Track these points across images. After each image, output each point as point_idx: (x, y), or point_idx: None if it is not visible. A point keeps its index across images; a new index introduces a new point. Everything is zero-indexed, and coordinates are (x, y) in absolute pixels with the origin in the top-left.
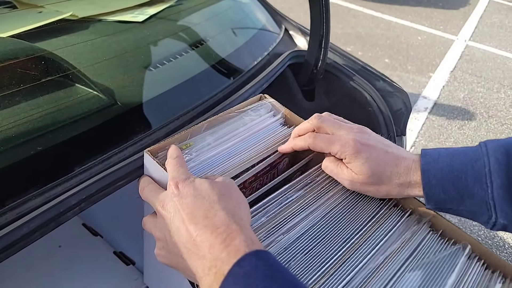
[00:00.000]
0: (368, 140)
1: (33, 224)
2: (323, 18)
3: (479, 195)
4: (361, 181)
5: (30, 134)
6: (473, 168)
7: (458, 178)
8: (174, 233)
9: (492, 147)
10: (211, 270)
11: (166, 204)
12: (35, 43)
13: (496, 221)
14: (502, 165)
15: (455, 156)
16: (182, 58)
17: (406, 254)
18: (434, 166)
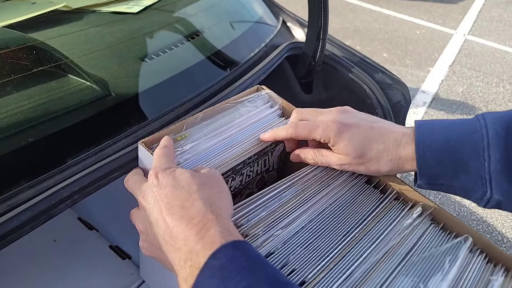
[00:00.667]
0: (349, 119)
1: (24, 216)
2: (321, 9)
3: (475, 169)
4: (348, 162)
5: (22, 125)
6: (470, 140)
7: (454, 150)
8: (154, 225)
9: (490, 119)
10: (187, 262)
11: (146, 194)
12: (28, 34)
13: (491, 197)
14: (501, 138)
15: (451, 127)
16: (177, 49)
17: (407, 247)
18: (429, 138)
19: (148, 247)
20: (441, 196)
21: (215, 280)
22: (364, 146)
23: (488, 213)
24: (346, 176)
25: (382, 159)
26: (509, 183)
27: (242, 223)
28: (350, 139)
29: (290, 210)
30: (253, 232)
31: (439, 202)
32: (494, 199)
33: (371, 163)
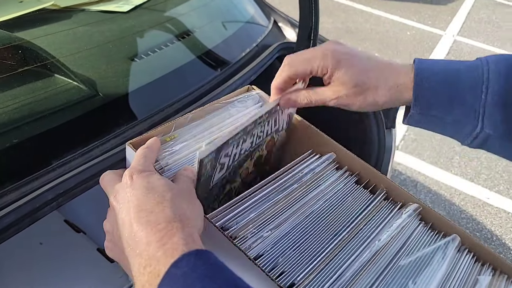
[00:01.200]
0: (345, 48)
1: (7, 219)
2: (312, 10)
3: (470, 102)
4: (345, 93)
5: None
6: (469, 75)
7: (451, 83)
8: (120, 226)
9: (492, 59)
10: (146, 269)
11: (118, 194)
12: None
13: (480, 131)
14: (501, 75)
15: (451, 63)
16: (167, 48)
17: (397, 247)
18: (428, 70)
19: (112, 248)
20: (431, 195)
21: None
22: (362, 74)
23: (477, 212)
24: (336, 177)
25: (380, 87)
26: (502, 117)
27: (231, 225)
28: (349, 67)
29: (279, 212)
30: (242, 234)
31: (429, 201)
32: (483, 134)
33: (368, 92)
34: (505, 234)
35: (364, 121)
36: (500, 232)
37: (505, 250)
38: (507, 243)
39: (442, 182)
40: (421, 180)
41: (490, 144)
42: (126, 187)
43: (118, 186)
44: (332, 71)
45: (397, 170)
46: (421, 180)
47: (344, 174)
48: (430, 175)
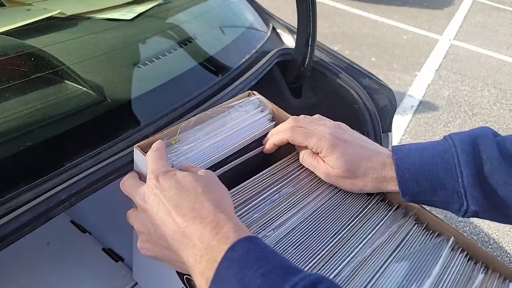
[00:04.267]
0: (343, 135)
1: (23, 218)
2: (310, 17)
3: (450, 185)
4: (336, 174)
5: (20, 130)
6: (443, 160)
7: (429, 171)
8: (160, 226)
9: (457, 139)
10: (203, 257)
11: (147, 197)
12: (24, 41)
13: (467, 208)
14: (469, 155)
15: (425, 150)
16: (171, 55)
17: (392, 246)
18: (406, 161)
19: (150, 247)
20: None
21: (233, 270)
22: (355, 162)
23: None
24: None
25: (368, 176)
26: (481, 194)
27: None
28: (342, 154)
29: (282, 212)
30: None
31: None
32: (471, 209)
33: (358, 179)
34: (502, 237)
35: (361, 125)
36: (497, 236)
37: (502, 253)
38: (504, 246)
39: None
40: None
41: (481, 215)
42: (155, 189)
43: (143, 189)
44: (326, 154)
45: None
46: None
47: None
48: None
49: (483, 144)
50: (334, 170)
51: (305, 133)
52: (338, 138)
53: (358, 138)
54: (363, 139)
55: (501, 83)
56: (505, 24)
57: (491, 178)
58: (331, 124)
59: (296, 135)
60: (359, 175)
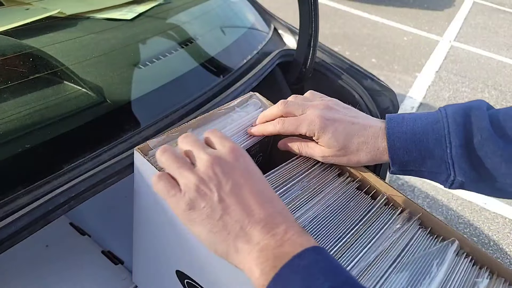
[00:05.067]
0: (333, 114)
1: (21, 222)
2: (312, 17)
3: (439, 155)
4: (331, 154)
5: (18, 131)
6: (433, 130)
7: (420, 140)
8: (231, 209)
9: (451, 110)
10: (268, 260)
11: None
12: (23, 40)
13: (454, 179)
14: (460, 126)
15: (417, 120)
16: (171, 56)
17: (397, 251)
18: (398, 130)
19: (206, 212)
20: (429, 200)
21: (299, 275)
22: (346, 140)
23: (474, 217)
24: (337, 183)
25: (362, 151)
26: (469, 165)
27: None
28: (333, 133)
29: None
30: None
31: (427, 206)
32: (457, 180)
33: (352, 155)
34: (502, 239)
35: None
36: (497, 237)
37: (502, 255)
38: (504, 248)
39: (439, 187)
40: (419, 185)
41: (467, 187)
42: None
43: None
44: (319, 136)
45: (395, 175)
46: (419, 185)
47: (345, 180)
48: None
49: (475, 116)
50: (329, 150)
51: (295, 122)
52: (327, 118)
53: (349, 115)
54: (355, 114)
55: (501, 84)
56: (505, 26)
57: (480, 150)
58: (321, 104)
59: (287, 126)
60: (353, 151)
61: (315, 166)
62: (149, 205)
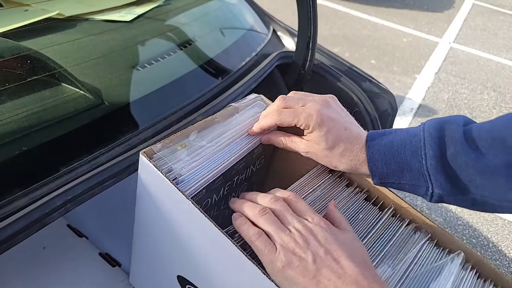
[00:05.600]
0: (330, 113)
1: (18, 225)
2: (311, 20)
3: (416, 168)
4: (316, 151)
5: (15, 133)
6: (411, 143)
7: (397, 153)
8: (335, 278)
9: (428, 124)
10: None
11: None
12: (21, 42)
13: (432, 191)
14: (435, 138)
15: (397, 134)
16: (170, 58)
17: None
18: (378, 143)
19: (297, 268)
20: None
21: None
22: (334, 143)
23: (473, 219)
24: (346, 194)
25: (344, 157)
26: (445, 177)
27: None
28: (326, 133)
29: None
30: None
31: (426, 207)
32: (435, 193)
33: (334, 158)
34: (501, 241)
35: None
36: (496, 239)
37: (501, 257)
38: (503, 250)
39: None
40: None
41: (446, 200)
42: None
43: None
44: (313, 129)
45: None
46: None
47: (354, 190)
48: None
49: (449, 129)
50: (315, 147)
51: (293, 113)
52: (325, 115)
53: (344, 119)
54: (349, 119)
55: (501, 86)
56: (504, 28)
57: (454, 162)
58: (320, 99)
59: (285, 117)
60: (337, 155)
61: (325, 178)
62: (151, 209)
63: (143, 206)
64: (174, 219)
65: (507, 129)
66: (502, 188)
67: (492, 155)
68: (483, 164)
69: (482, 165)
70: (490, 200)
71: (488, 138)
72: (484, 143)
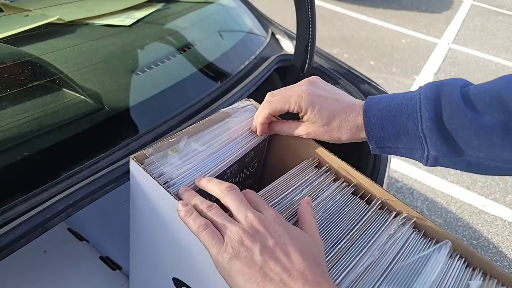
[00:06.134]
0: (319, 90)
1: (19, 230)
2: (309, 23)
3: (412, 130)
4: (315, 130)
5: (17, 139)
6: (407, 106)
7: (394, 116)
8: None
9: (425, 87)
10: None
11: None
12: (22, 48)
13: (428, 154)
14: (430, 100)
15: (394, 98)
16: (169, 62)
17: (392, 255)
18: (375, 108)
19: (248, 265)
20: (428, 203)
21: None
22: (330, 116)
23: (474, 220)
24: (333, 188)
25: (343, 128)
26: (440, 139)
27: None
28: (319, 109)
29: None
30: None
31: (426, 208)
32: (431, 155)
33: (334, 131)
34: (502, 242)
35: None
36: (496, 240)
37: (501, 258)
38: (504, 251)
39: (438, 189)
40: (418, 187)
41: (442, 162)
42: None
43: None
44: (306, 110)
45: (394, 178)
46: (418, 187)
47: (341, 185)
48: (427, 183)
49: (445, 91)
50: (312, 125)
51: (282, 99)
52: (314, 94)
53: (333, 92)
54: (338, 92)
55: None
56: (503, 28)
57: (450, 123)
58: (304, 82)
59: (276, 104)
60: (335, 128)
61: (312, 173)
62: (145, 213)
63: (136, 210)
64: (166, 222)
65: (505, 89)
66: (497, 148)
67: (489, 114)
68: (480, 124)
69: (478, 125)
70: (485, 161)
71: (486, 98)
72: (482, 103)
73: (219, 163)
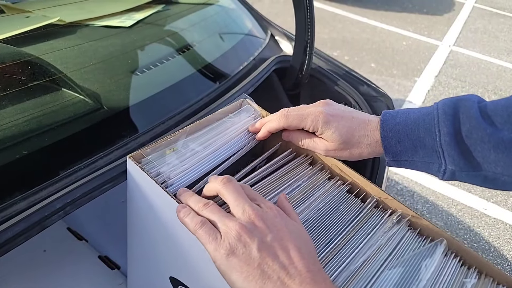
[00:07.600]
0: (334, 110)
1: (18, 227)
2: (308, 24)
3: (430, 144)
4: (334, 148)
5: (16, 138)
6: (425, 121)
7: (411, 130)
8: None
9: (442, 102)
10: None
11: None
12: (22, 48)
13: (445, 168)
14: (448, 115)
15: (411, 113)
16: (168, 63)
17: (386, 253)
18: (392, 122)
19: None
20: (429, 205)
21: None
22: (348, 134)
23: (475, 223)
24: (328, 186)
25: (362, 143)
26: (458, 153)
27: None
28: (336, 128)
29: None
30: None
31: (426, 211)
32: (448, 169)
33: (353, 148)
34: (503, 245)
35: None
36: (498, 243)
37: (503, 261)
38: (505, 254)
39: (439, 192)
40: (418, 190)
41: (458, 176)
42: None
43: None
44: (322, 131)
45: (394, 180)
46: (418, 190)
47: (336, 183)
48: (427, 185)
49: (464, 106)
50: (331, 144)
51: (299, 116)
52: (330, 114)
53: (348, 111)
54: (352, 110)
55: (502, 89)
56: (505, 30)
57: (469, 137)
58: (320, 103)
59: (292, 120)
60: (354, 144)
61: (306, 170)
62: (142, 212)
63: (133, 209)
64: (163, 221)
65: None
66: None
67: (507, 130)
68: (499, 138)
69: (497, 139)
70: (502, 177)
71: (504, 113)
72: (500, 119)
73: (216, 162)
